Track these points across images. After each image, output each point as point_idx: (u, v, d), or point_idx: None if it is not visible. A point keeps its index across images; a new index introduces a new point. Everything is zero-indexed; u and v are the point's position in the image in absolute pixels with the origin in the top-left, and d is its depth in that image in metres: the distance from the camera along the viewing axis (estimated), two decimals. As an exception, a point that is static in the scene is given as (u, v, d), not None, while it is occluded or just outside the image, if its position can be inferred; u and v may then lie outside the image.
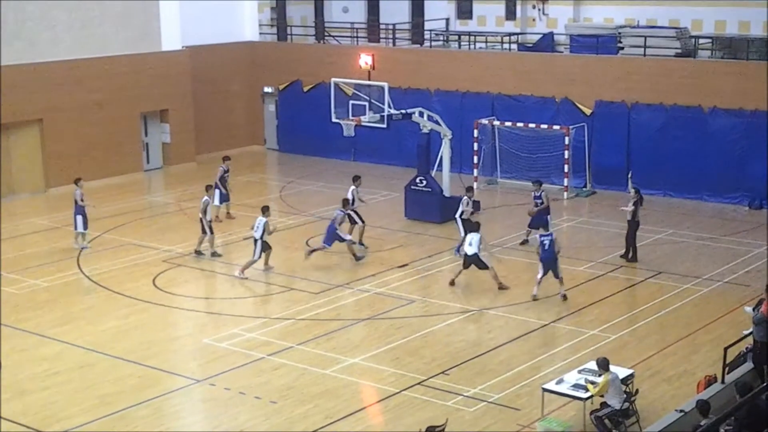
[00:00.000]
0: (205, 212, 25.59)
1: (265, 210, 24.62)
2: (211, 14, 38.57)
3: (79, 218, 26.42)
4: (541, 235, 22.85)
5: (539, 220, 25.81)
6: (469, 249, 23.12)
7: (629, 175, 27.30)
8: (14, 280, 24.17)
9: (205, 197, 25.96)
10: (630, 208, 24.98)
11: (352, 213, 26.11)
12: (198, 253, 25.80)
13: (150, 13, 35.83)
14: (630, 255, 25.15)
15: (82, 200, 26.49)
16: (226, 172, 29.46)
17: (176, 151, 37.01)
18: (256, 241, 24.30)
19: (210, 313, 22.08)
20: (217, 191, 28.77)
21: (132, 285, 23.78)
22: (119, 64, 34.79)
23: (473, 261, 23.13)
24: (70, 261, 25.66)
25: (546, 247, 22.42)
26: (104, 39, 34.57)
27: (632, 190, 25.42)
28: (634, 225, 25.11)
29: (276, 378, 18.44)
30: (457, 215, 25.84)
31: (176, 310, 22.50)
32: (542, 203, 26.22)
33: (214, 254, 25.81)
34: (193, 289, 23.96)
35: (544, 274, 22.42)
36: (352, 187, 26.88)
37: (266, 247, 24.42)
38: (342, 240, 25.17)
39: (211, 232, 25.77)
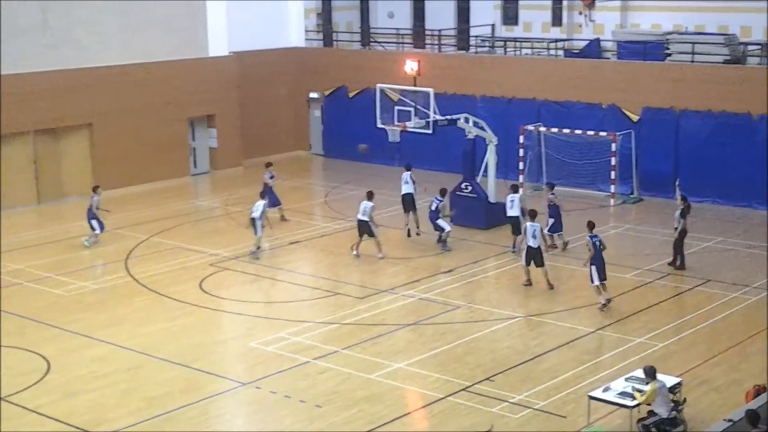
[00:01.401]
0: (261, 214, 26.22)
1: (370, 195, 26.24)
2: (258, 20, 38.81)
3: (95, 222, 27.14)
4: (590, 236, 22.44)
5: (557, 223, 26.27)
6: (533, 242, 23.27)
7: (677, 183, 27.06)
8: (63, 282, 24.45)
9: (261, 201, 26.50)
10: (679, 222, 24.76)
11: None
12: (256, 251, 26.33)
13: (197, 19, 36.15)
14: (678, 263, 24.94)
15: (97, 208, 27.06)
16: (272, 177, 29.64)
17: (223, 156, 37.28)
18: (254, 220, 25.95)
19: (256, 316, 22.19)
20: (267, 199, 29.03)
21: (179, 288, 23.98)
22: (167, 69, 35.11)
23: (534, 255, 23.37)
24: (118, 264, 25.92)
25: (598, 246, 22.18)
26: (152, 44, 34.91)
27: (679, 198, 25.23)
28: (682, 232, 24.92)
29: (321, 382, 18.50)
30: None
31: (222, 313, 22.65)
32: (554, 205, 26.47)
33: (253, 253, 26.17)
34: (239, 293, 24.10)
35: (600, 276, 22.07)
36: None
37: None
38: (441, 229, 26.35)
39: (259, 232, 26.30)
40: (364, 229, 25.97)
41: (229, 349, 20.68)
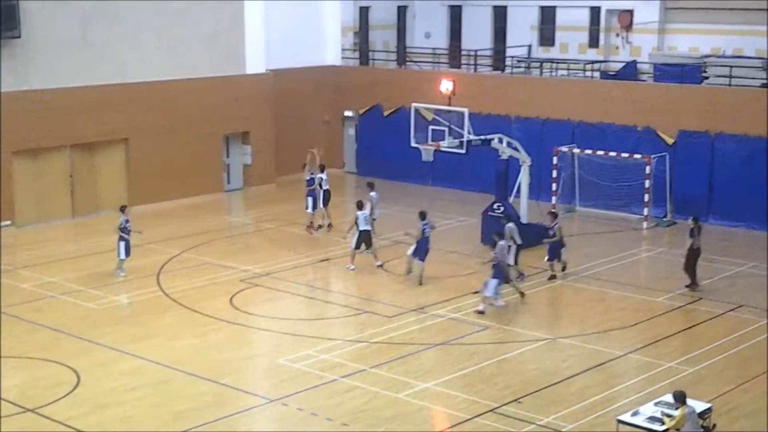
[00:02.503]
0: (320, 186, 29.40)
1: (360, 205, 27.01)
2: (295, 38, 39.07)
3: (122, 244, 26.02)
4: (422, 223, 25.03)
5: (555, 251, 25.88)
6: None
7: None
8: (95, 296, 24.64)
9: (318, 174, 29.53)
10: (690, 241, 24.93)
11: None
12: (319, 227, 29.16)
13: (236, 37, 36.43)
14: (690, 282, 25.04)
15: (122, 228, 25.97)
16: (319, 183, 30.40)
17: (257, 173, 37.47)
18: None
19: (285, 333, 22.23)
20: (310, 199, 30.10)
21: (209, 303, 24.09)
22: (204, 85, 35.39)
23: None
24: (150, 278, 26.09)
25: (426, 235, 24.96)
26: (190, 61, 35.21)
27: (690, 219, 25.39)
28: (693, 253, 24.89)
29: (348, 400, 18.50)
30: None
31: (252, 329, 22.73)
32: (554, 235, 25.84)
33: (320, 227, 29.42)
34: (269, 309, 24.18)
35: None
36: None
37: None
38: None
39: (323, 206, 29.49)
40: (365, 238, 26.76)
41: (257, 365, 20.74)
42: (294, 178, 37.70)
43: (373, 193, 28.77)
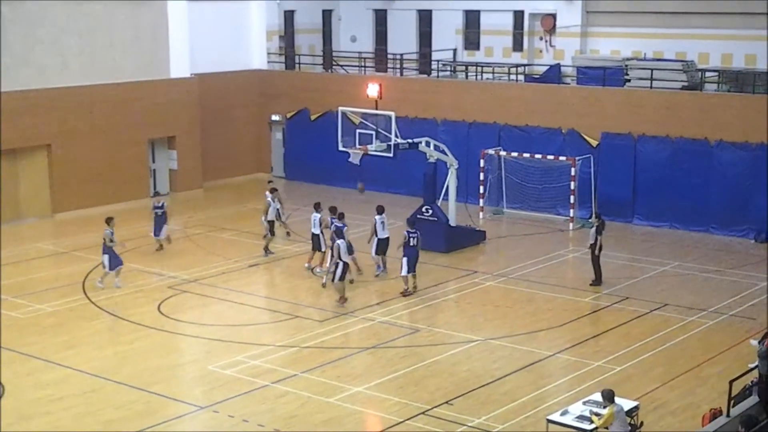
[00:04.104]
0: (266, 213, 28.25)
1: (317, 206, 27.10)
2: (220, 42, 38.81)
3: (105, 257, 25.58)
4: (408, 231, 24.88)
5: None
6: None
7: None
8: (20, 305, 24.19)
9: (269, 199, 28.37)
10: (594, 238, 25.57)
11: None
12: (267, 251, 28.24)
13: (159, 41, 36.05)
14: (595, 278, 25.67)
15: (111, 241, 25.59)
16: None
17: (183, 178, 37.13)
18: (315, 236, 26.73)
19: (214, 339, 22.06)
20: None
21: (137, 311, 23.80)
22: (128, 90, 34.97)
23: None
24: (75, 286, 25.69)
25: (411, 243, 24.66)
26: (113, 66, 34.78)
27: (594, 215, 26.53)
28: (597, 248, 25.62)
29: (280, 406, 18.41)
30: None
31: (181, 336, 22.50)
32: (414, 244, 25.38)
33: (267, 250, 28.20)
34: (198, 316, 23.96)
35: (409, 270, 24.57)
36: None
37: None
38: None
39: (271, 234, 28.34)
40: (316, 241, 26.62)
41: (187, 373, 20.53)
42: (221, 183, 37.58)
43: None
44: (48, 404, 18.49)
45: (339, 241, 24.10)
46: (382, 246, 26.57)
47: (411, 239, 25.01)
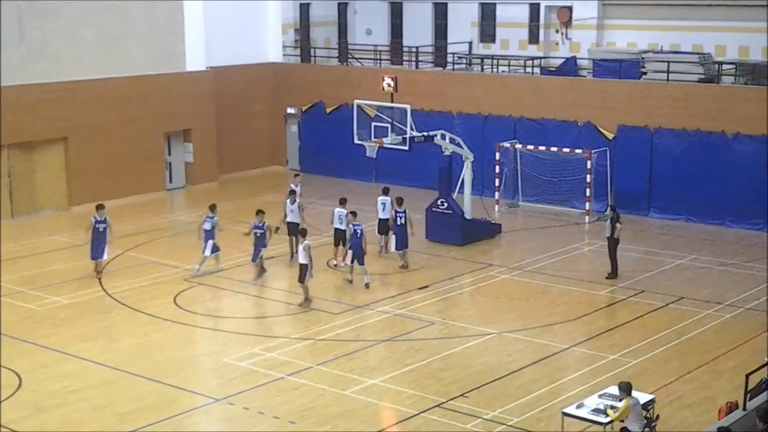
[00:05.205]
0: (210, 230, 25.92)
1: (343, 201, 26.61)
2: (236, 35, 38.85)
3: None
4: (354, 224, 25.01)
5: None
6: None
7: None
8: (36, 297, 24.30)
9: (213, 216, 26.27)
10: (610, 230, 25.70)
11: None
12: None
13: (175, 34, 36.12)
14: (611, 271, 25.63)
15: (97, 226, 25.65)
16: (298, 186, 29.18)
17: (199, 171, 37.21)
18: (341, 231, 26.21)
19: (230, 332, 22.12)
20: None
21: (153, 303, 23.87)
22: (144, 83, 35.05)
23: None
24: (92, 279, 25.76)
25: (358, 235, 24.73)
26: (129, 59, 34.86)
27: (608, 208, 26.53)
28: (613, 242, 25.54)
29: (295, 398, 18.44)
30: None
31: (196, 328, 22.56)
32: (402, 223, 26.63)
33: (197, 270, 25.83)
34: (213, 308, 24.04)
35: (352, 261, 24.81)
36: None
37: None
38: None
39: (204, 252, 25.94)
40: (341, 236, 26.40)
41: (202, 365, 20.59)
42: (236, 176, 37.66)
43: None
44: (64, 396, 18.57)
45: (306, 243, 23.72)
46: (381, 226, 27.50)
47: (398, 218, 26.37)
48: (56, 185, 33.22)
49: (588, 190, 31.89)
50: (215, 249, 26.05)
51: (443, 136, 29.12)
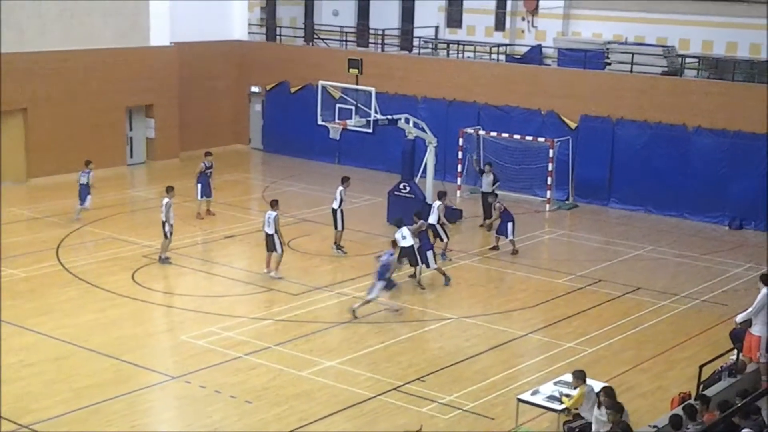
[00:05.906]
0: (167, 215, 24.84)
1: (274, 204, 24.27)
2: (201, 11, 38.49)
3: (89, 197, 28.36)
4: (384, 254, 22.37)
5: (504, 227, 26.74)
6: (405, 242, 23.38)
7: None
8: (-8, 269, 24.06)
9: (167, 198, 25.10)
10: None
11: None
12: (164, 260, 25.03)
13: (139, 8, 35.75)
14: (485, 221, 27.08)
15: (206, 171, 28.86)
16: (209, 167, 29.43)
17: (160, 147, 36.93)
18: (269, 236, 23.96)
19: (188, 310, 22.03)
20: (198, 186, 28.89)
21: (111, 279, 23.70)
22: (106, 56, 34.68)
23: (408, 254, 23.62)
24: (49, 252, 25.55)
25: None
26: (93, 31, 34.46)
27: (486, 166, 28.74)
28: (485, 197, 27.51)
29: (252, 378, 18.43)
30: (434, 221, 25.61)
31: (154, 305, 22.44)
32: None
33: (164, 260, 24.97)
34: (171, 286, 23.92)
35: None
36: (340, 187, 26.63)
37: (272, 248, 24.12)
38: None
39: (167, 237, 24.89)
40: (270, 242, 24.13)
41: (159, 342, 20.50)
42: (198, 154, 37.32)
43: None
44: (19, 369, 18.41)
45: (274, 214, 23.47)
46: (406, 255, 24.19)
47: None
48: (15, 157, 32.81)
49: (549, 179, 32.05)
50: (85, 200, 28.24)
51: (407, 120, 29.12)
